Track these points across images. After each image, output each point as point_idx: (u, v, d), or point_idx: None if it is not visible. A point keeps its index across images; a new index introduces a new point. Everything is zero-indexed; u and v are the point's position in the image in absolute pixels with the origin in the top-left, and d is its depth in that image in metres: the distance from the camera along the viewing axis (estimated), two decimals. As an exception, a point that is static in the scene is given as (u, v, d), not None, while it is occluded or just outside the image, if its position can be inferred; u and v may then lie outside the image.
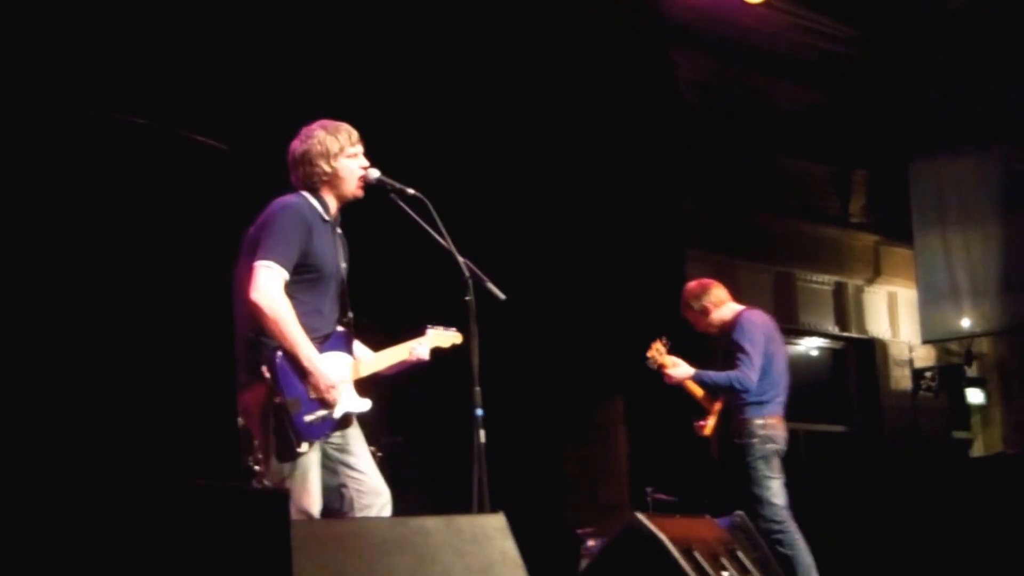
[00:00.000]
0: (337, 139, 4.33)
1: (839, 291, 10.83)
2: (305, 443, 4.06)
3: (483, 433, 4.23)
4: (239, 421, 4.16)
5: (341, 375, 4.24)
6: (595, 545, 6.91)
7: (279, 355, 4.06)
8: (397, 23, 7.67)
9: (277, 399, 4.03)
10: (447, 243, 4.36)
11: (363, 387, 4.39)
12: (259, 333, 4.10)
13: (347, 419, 4.28)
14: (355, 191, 4.38)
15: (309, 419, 4.09)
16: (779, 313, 10.34)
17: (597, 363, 8.92)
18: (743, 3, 9.40)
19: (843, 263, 10.84)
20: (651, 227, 9.26)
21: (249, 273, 4.11)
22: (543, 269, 8.65)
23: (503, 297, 4.40)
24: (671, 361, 6.31)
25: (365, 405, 4.34)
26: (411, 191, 4.40)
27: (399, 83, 7.66)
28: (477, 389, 4.28)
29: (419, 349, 4.51)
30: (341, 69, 7.26)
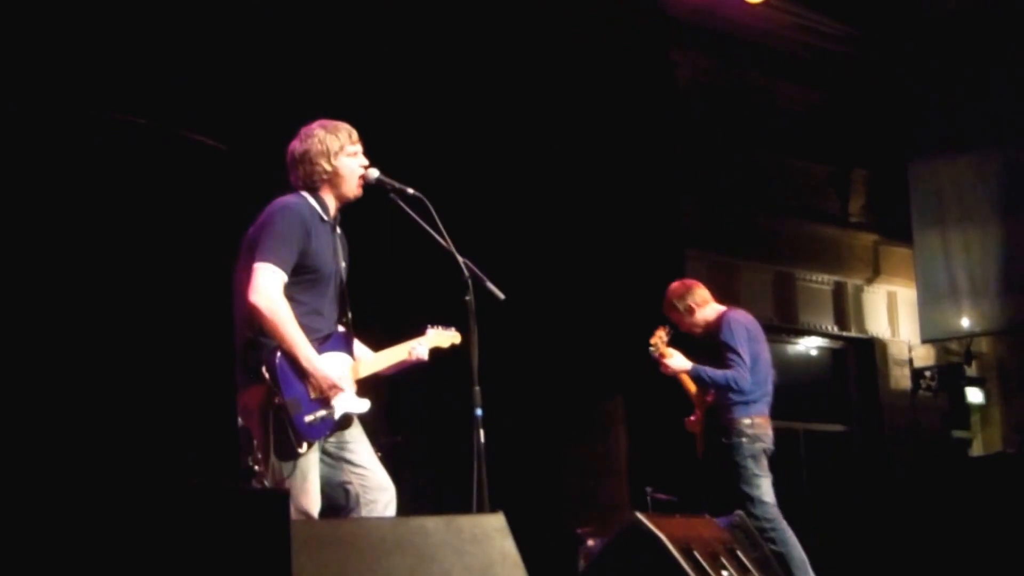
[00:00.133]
0: (337, 138, 4.33)
1: (839, 291, 10.83)
2: (305, 443, 4.06)
3: (483, 433, 4.22)
4: (239, 421, 4.16)
5: (341, 375, 4.24)
6: (595, 545, 6.92)
7: (278, 355, 4.06)
8: (397, 23, 7.68)
9: (277, 400, 4.03)
10: (447, 243, 4.35)
11: (362, 387, 4.39)
12: (258, 334, 4.10)
13: (347, 419, 4.27)
14: (355, 190, 4.37)
15: (309, 419, 4.09)
16: (779, 312, 10.38)
17: (597, 363, 8.92)
18: (743, 3, 9.41)
19: (843, 263, 10.85)
20: (651, 227, 9.26)
21: (248, 274, 4.11)
22: (543, 269, 8.65)
23: (503, 297, 4.39)
24: (669, 352, 6.29)
25: (364, 405, 4.34)
26: (411, 191, 4.40)
27: (399, 83, 7.66)
28: (477, 389, 4.27)
29: (418, 349, 4.51)
30: (341, 69, 7.26)
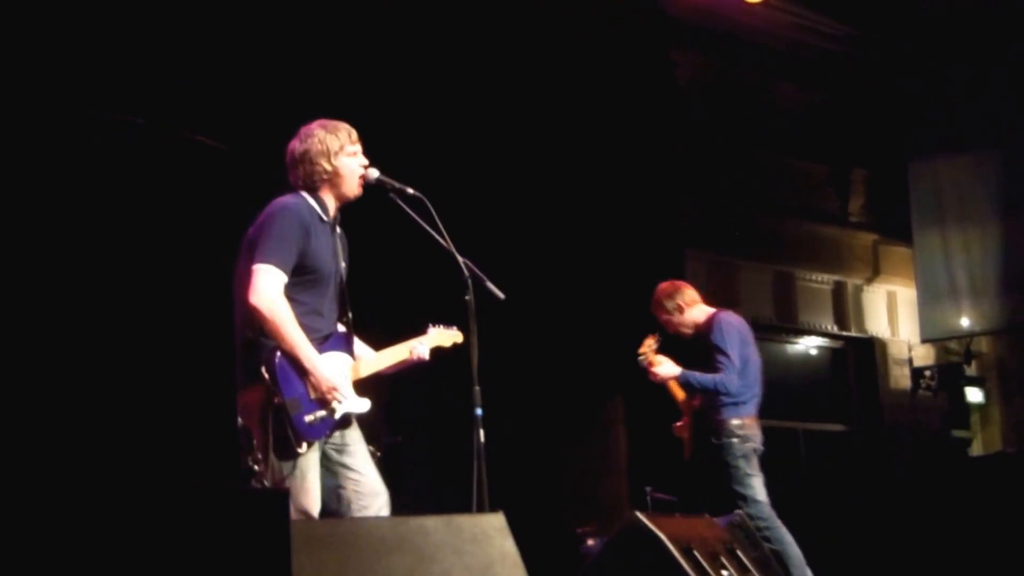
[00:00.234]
0: (337, 137, 4.32)
1: (838, 290, 10.83)
2: (305, 443, 4.06)
3: (483, 433, 4.23)
4: (239, 421, 4.17)
5: (341, 375, 4.24)
6: (595, 544, 6.92)
7: (278, 356, 4.06)
8: (397, 23, 7.68)
9: (276, 400, 4.03)
10: (447, 243, 4.35)
11: (362, 387, 4.39)
12: (258, 334, 4.10)
13: (346, 419, 4.28)
14: (355, 190, 4.37)
15: (309, 419, 4.09)
16: (778, 312, 10.38)
17: (597, 363, 8.91)
18: (743, 3, 9.41)
19: (842, 262, 10.85)
20: (651, 227, 9.26)
21: (248, 274, 4.11)
22: (543, 269, 8.65)
23: (502, 297, 4.40)
24: (658, 359, 6.28)
25: (364, 405, 4.34)
26: (411, 191, 4.40)
27: (399, 83, 7.66)
28: (476, 389, 4.27)
29: (420, 348, 4.51)
30: (341, 69, 7.26)
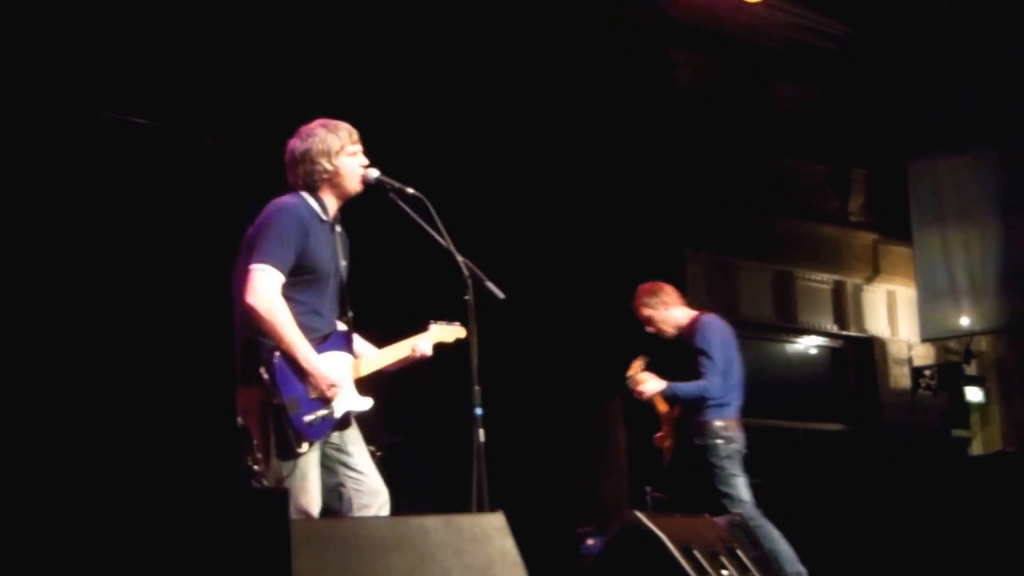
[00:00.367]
0: (338, 137, 4.32)
1: (838, 290, 10.84)
2: (305, 443, 4.07)
3: (482, 432, 4.23)
4: (239, 421, 4.16)
5: (341, 374, 4.24)
6: (595, 544, 6.92)
7: (277, 356, 4.06)
8: (397, 23, 7.67)
9: (275, 400, 4.04)
10: (446, 242, 4.35)
11: (363, 386, 4.39)
12: (257, 334, 4.10)
13: (346, 419, 4.28)
14: (355, 188, 4.37)
15: (309, 419, 4.09)
16: (778, 312, 10.40)
17: (597, 363, 8.91)
18: (743, 3, 9.41)
19: (842, 262, 10.86)
20: (651, 226, 9.26)
21: (247, 275, 4.12)
22: (543, 268, 8.65)
23: (502, 296, 4.39)
24: (643, 378, 6.23)
25: (366, 404, 4.34)
26: (411, 190, 4.40)
27: (399, 83, 7.66)
28: (476, 388, 4.27)
29: (422, 345, 4.51)
30: (341, 69, 7.26)
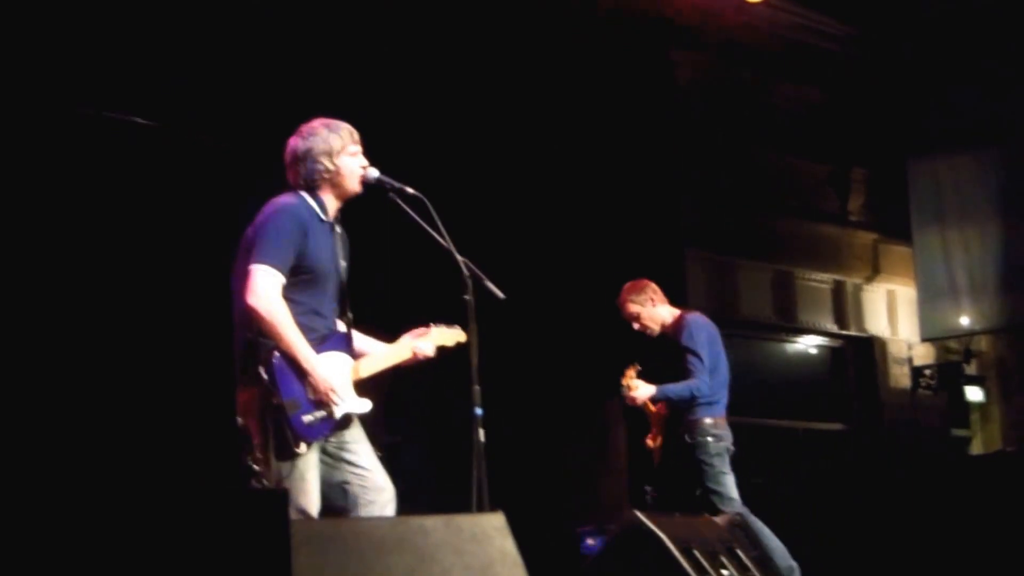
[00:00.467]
0: (340, 137, 4.32)
1: (838, 289, 10.84)
2: (303, 444, 4.06)
3: (482, 432, 4.23)
4: (239, 421, 4.16)
5: (341, 376, 4.24)
6: (595, 543, 6.92)
7: (276, 356, 4.06)
8: (397, 23, 7.68)
9: (275, 400, 4.04)
10: (446, 242, 4.35)
11: (363, 387, 4.39)
12: (257, 334, 4.09)
13: (347, 419, 4.27)
14: (355, 188, 4.37)
15: (308, 420, 4.09)
16: (778, 311, 10.39)
17: (597, 362, 8.91)
18: (743, 2, 9.41)
19: (842, 261, 10.85)
20: (650, 226, 9.26)
21: (246, 275, 4.11)
22: (543, 268, 8.65)
23: (502, 296, 4.40)
24: (635, 384, 6.22)
25: (365, 406, 4.33)
26: (410, 190, 4.39)
27: (399, 83, 7.66)
28: (476, 388, 4.28)
29: (423, 346, 4.52)
30: (341, 69, 7.26)
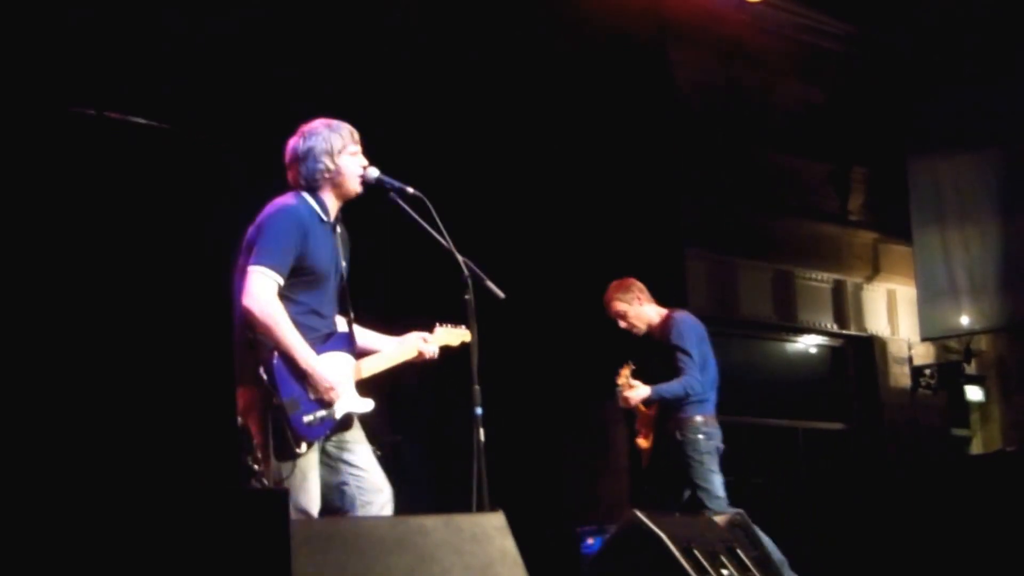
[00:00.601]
0: (341, 136, 4.31)
1: (838, 289, 10.84)
2: (304, 444, 4.06)
3: (483, 432, 4.23)
4: (239, 421, 4.16)
5: (341, 375, 4.23)
6: (595, 543, 6.92)
7: (275, 357, 4.06)
8: (397, 23, 7.67)
9: (275, 401, 4.04)
10: (446, 242, 4.35)
11: (364, 386, 4.39)
12: (257, 334, 4.10)
13: (347, 419, 4.27)
14: (355, 188, 4.37)
15: (308, 420, 4.09)
16: (778, 311, 10.39)
17: (597, 362, 8.91)
18: (743, 2, 9.41)
19: (842, 261, 10.85)
20: (650, 226, 9.25)
21: (245, 276, 4.11)
22: (543, 268, 8.64)
23: (502, 296, 4.39)
24: (630, 385, 6.19)
25: (367, 405, 4.33)
26: (411, 190, 4.39)
27: (399, 83, 7.66)
28: (476, 388, 4.28)
29: (428, 348, 4.52)
30: (341, 69, 7.26)
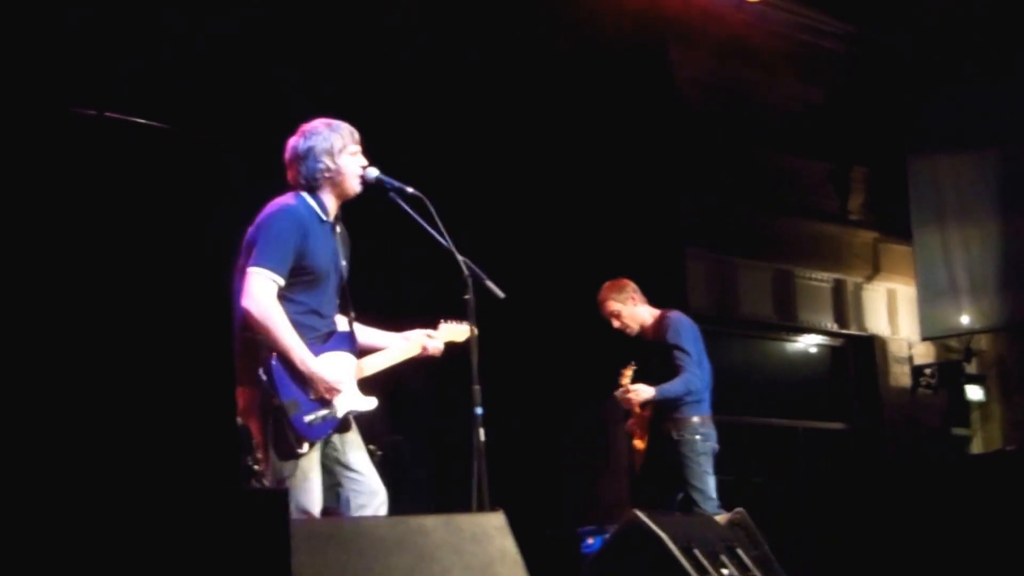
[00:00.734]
0: (341, 136, 4.31)
1: (838, 288, 10.84)
2: (306, 444, 4.06)
3: (483, 432, 4.23)
4: (239, 421, 4.16)
5: (342, 375, 4.23)
6: (595, 543, 6.92)
7: (274, 358, 4.05)
8: (397, 23, 7.67)
9: (274, 401, 4.03)
10: (446, 241, 4.35)
11: (366, 385, 4.38)
12: (255, 335, 4.09)
13: (347, 420, 4.27)
14: (355, 188, 4.37)
15: (309, 419, 4.08)
16: (778, 310, 10.39)
17: (598, 362, 8.90)
18: (743, 2, 9.41)
19: (842, 260, 10.85)
20: (651, 225, 9.25)
21: (245, 277, 4.11)
22: (543, 267, 8.64)
23: (502, 295, 4.39)
24: (633, 388, 6.15)
25: (371, 404, 4.32)
26: (410, 190, 4.39)
27: (399, 83, 7.66)
28: (476, 388, 4.27)
29: (433, 345, 4.53)
30: (341, 69, 7.26)
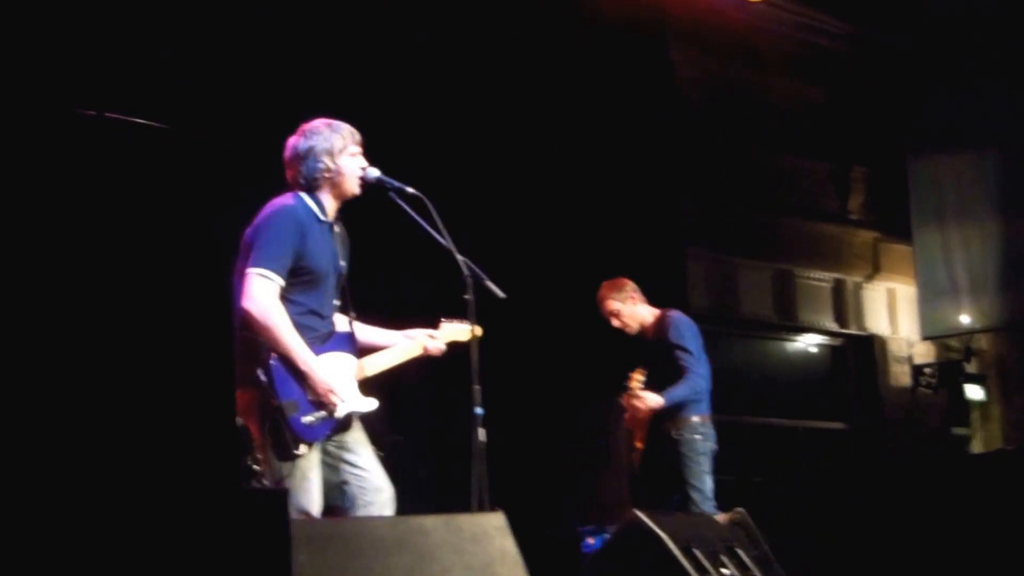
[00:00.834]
0: (341, 136, 4.31)
1: (838, 288, 10.84)
2: (304, 445, 4.06)
3: (483, 431, 4.23)
4: (239, 421, 4.16)
5: (342, 376, 4.23)
6: (595, 543, 6.92)
7: (274, 358, 4.05)
8: (397, 23, 7.67)
9: (274, 402, 4.03)
10: (446, 242, 4.35)
11: (365, 385, 4.38)
12: (255, 336, 4.09)
13: (348, 420, 4.26)
14: (354, 189, 4.36)
15: (307, 420, 4.08)
16: (778, 310, 10.40)
17: (598, 362, 8.91)
18: (743, 1, 9.41)
19: (842, 260, 10.85)
20: (651, 225, 9.25)
21: (244, 278, 4.11)
22: (543, 268, 8.65)
23: (502, 295, 4.39)
24: (643, 395, 6.04)
25: (371, 404, 4.31)
26: (410, 190, 4.39)
27: (399, 83, 7.66)
28: (476, 387, 4.27)
29: (434, 343, 4.52)
30: (341, 69, 7.26)
